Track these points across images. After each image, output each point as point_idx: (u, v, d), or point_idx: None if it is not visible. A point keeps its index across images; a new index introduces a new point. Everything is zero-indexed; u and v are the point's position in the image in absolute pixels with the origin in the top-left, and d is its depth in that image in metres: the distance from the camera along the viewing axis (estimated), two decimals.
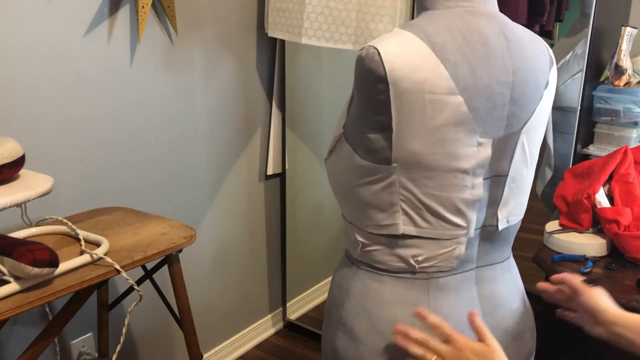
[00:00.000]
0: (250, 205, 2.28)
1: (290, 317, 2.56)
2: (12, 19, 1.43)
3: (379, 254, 0.94)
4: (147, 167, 1.84)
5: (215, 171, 2.09)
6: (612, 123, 2.08)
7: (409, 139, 0.85)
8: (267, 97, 2.24)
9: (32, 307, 1.10)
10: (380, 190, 0.89)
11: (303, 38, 1.87)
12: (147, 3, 1.65)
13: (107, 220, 1.52)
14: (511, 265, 1.05)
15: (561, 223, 1.76)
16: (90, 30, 1.59)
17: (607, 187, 1.73)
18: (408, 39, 0.84)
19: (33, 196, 1.17)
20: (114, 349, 1.78)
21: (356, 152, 0.90)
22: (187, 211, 2.01)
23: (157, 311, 1.93)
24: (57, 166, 1.58)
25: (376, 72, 0.83)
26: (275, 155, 2.30)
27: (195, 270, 2.09)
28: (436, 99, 0.83)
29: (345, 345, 0.97)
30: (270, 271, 2.47)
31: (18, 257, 1.08)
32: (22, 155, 1.22)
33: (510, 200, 0.96)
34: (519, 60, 0.89)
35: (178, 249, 1.39)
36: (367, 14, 1.74)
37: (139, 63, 1.74)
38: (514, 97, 0.89)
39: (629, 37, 2.04)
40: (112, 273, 1.24)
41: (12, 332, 1.57)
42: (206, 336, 2.21)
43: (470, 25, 0.86)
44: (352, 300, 0.97)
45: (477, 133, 0.87)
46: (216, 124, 2.04)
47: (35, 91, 1.50)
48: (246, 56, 2.10)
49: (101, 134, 1.68)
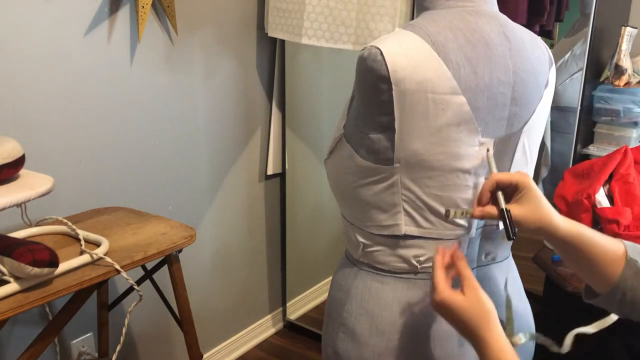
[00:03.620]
0: (250, 205, 2.28)
1: (290, 317, 2.56)
2: (12, 19, 1.42)
3: (381, 254, 0.94)
4: (147, 167, 1.84)
5: (215, 171, 2.09)
6: (612, 123, 2.08)
7: (411, 139, 0.85)
8: (267, 97, 2.24)
9: (32, 307, 1.10)
10: (382, 190, 0.89)
11: (303, 38, 1.87)
12: (147, 3, 1.65)
13: (107, 220, 1.52)
14: (510, 265, 1.05)
15: None
16: (90, 30, 1.59)
17: (607, 187, 1.73)
18: (410, 39, 0.84)
19: (33, 196, 1.17)
20: (114, 349, 1.77)
21: (357, 153, 0.90)
22: (187, 211, 2.01)
23: (157, 311, 1.93)
24: (57, 166, 1.58)
25: (379, 72, 0.83)
26: (275, 155, 2.30)
27: (195, 270, 2.09)
28: (439, 99, 0.83)
29: (346, 346, 0.97)
30: (270, 271, 2.47)
31: (18, 257, 1.08)
32: (22, 155, 1.22)
33: None
34: (520, 60, 0.89)
35: (178, 249, 1.39)
36: (367, 14, 1.74)
37: (139, 63, 1.74)
38: (514, 97, 0.89)
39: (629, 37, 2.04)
40: (112, 273, 1.24)
41: (12, 332, 1.57)
42: (206, 336, 2.20)
43: (471, 25, 0.86)
44: (353, 301, 0.97)
45: (479, 133, 0.87)
46: (216, 124, 2.04)
47: (35, 91, 1.50)
48: (246, 56, 2.10)
49: (101, 134, 1.68)
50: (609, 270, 0.81)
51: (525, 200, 0.81)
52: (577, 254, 0.82)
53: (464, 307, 0.79)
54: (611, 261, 0.81)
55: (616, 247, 0.82)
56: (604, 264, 0.81)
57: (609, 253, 0.81)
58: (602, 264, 0.81)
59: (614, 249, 0.82)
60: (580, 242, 0.81)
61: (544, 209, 0.81)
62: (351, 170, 0.92)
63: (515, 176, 0.82)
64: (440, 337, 0.93)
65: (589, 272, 0.83)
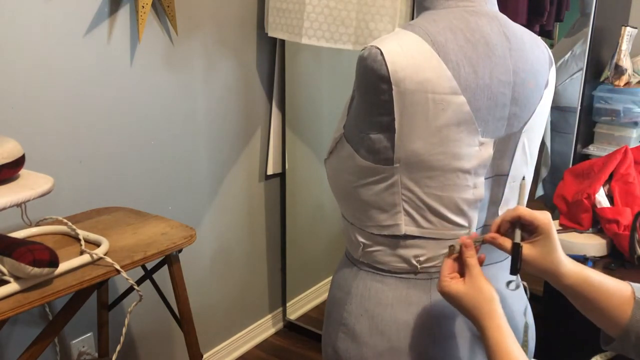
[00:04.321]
0: (250, 205, 2.28)
1: (290, 317, 2.56)
2: (12, 19, 1.42)
3: (381, 254, 0.94)
4: (147, 167, 1.84)
5: (216, 171, 2.09)
6: (612, 123, 2.08)
7: (411, 139, 0.85)
8: (267, 97, 2.24)
9: (32, 307, 1.10)
10: (382, 190, 0.89)
11: (303, 38, 1.87)
12: (147, 3, 1.65)
13: (107, 220, 1.52)
14: None
15: (561, 223, 1.76)
16: (90, 30, 1.59)
17: (607, 187, 1.73)
18: (410, 39, 0.84)
19: (33, 196, 1.17)
20: (114, 349, 1.77)
21: (357, 153, 0.90)
22: (187, 211, 2.01)
23: (157, 311, 1.93)
24: (57, 166, 1.58)
25: (379, 72, 0.82)
26: (275, 155, 2.30)
27: (195, 270, 2.09)
28: (439, 99, 0.83)
29: (347, 346, 0.97)
30: (270, 271, 2.47)
31: (18, 257, 1.08)
32: (22, 155, 1.22)
33: (510, 199, 0.96)
34: (520, 60, 0.89)
35: (178, 249, 1.39)
36: (367, 14, 1.74)
37: (139, 63, 1.74)
38: (514, 97, 0.89)
39: (629, 37, 2.04)
40: (112, 273, 1.24)
41: (12, 332, 1.57)
42: (206, 336, 2.20)
43: (472, 25, 0.86)
44: (353, 301, 0.97)
45: (479, 133, 0.87)
46: (216, 124, 2.04)
47: (35, 91, 1.50)
48: (246, 56, 2.10)
49: (101, 134, 1.68)
50: (618, 313, 0.82)
51: (540, 244, 0.82)
52: (584, 300, 0.83)
53: (462, 294, 0.82)
54: (619, 304, 0.82)
55: (623, 289, 0.83)
56: (612, 307, 0.82)
57: (616, 296, 0.82)
58: (611, 307, 0.82)
59: (621, 291, 0.82)
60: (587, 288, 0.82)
61: (555, 257, 0.81)
62: (351, 170, 0.92)
63: (539, 218, 0.81)
64: (440, 337, 0.93)
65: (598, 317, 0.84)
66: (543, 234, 0.81)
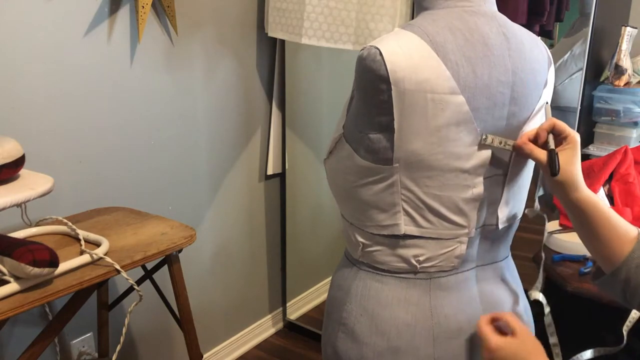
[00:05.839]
0: (250, 205, 2.28)
1: (290, 317, 2.56)
2: (12, 19, 1.43)
3: (380, 254, 0.94)
4: (147, 167, 1.84)
5: (215, 171, 2.09)
6: (612, 123, 2.08)
7: (410, 139, 0.85)
8: (267, 97, 2.24)
9: (32, 307, 1.10)
10: (382, 190, 0.89)
11: (303, 38, 1.87)
12: (147, 3, 1.65)
13: (107, 220, 1.52)
14: (510, 264, 1.05)
15: (561, 223, 1.76)
16: (90, 30, 1.59)
17: (607, 187, 1.73)
18: (409, 38, 0.84)
19: (33, 196, 1.17)
20: (114, 349, 1.78)
21: (356, 153, 0.90)
22: (187, 211, 2.01)
23: (157, 311, 1.93)
24: (57, 166, 1.58)
25: (378, 72, 0.83)
26: (275, 155, 2.30)
27: (195, 270, 2.09)
28: (438, 99, 0.83)
29: (346, 346, 0.97)
30: (270, 271, 2.47)
31: (18, 257, 1.08)
32: (22, 155, 1.22)
33: (510, 199, 0.96)
34: (519, 60, 0.90)
35: (178, 249, 1.39)
36: (367, 14, 1.74)
37: (139, 63, 1.74)
38: (513, 96, 0.89)
39: (629, 37, 2.05)
40: (112, 273, 1.24)
41: (12, 332, 1.57)
42: (206, 336, 2.21)
43: (471, 25, 0.87)
44: (353, 301, 0.97)
45: (478, 133, 0.87)
46: (216, 124, 2.04)
47: (35, 91, 1.50)
48: (246, 56, 2.10)
49: (101, 134, 1.68)
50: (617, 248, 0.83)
51: (567, 153, 0.87)
52: (589, 222, 0.85)
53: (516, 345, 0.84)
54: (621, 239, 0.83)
55: (630, 229, 0.84)
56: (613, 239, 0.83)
57: (621, 231, 0.84)
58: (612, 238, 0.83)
59: (626, 229, 0.84)
60: (595, 210, 0.84)
61: (575, 168, 0.86)
62: (350, 170, 0.92)
63: (569, 129, 0.88)
64: (440, 337, 0.93)
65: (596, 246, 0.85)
66: (570, 143, 0.87)
